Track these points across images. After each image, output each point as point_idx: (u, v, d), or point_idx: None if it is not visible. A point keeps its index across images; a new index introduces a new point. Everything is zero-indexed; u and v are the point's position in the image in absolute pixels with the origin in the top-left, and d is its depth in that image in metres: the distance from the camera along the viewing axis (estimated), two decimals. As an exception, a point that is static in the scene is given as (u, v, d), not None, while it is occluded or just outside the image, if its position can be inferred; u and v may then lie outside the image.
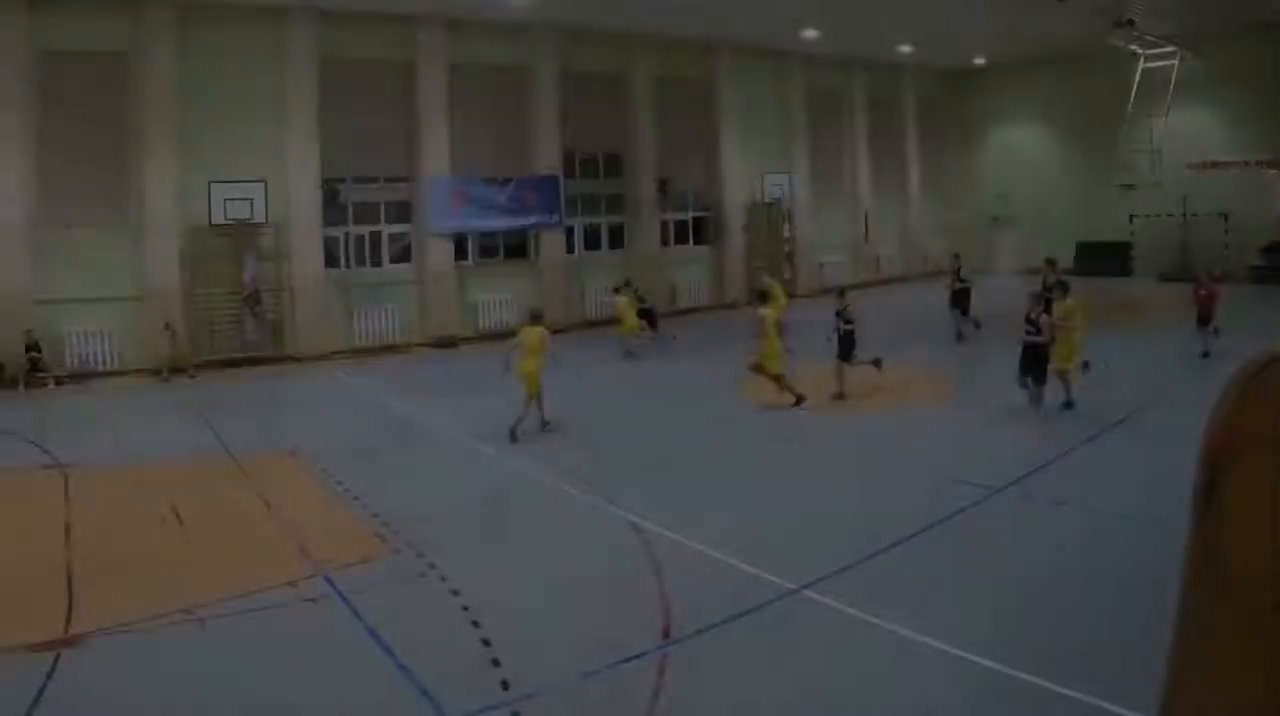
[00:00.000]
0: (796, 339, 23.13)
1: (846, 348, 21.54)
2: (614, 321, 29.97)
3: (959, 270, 30.30)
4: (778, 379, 20.95)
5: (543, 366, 18.57)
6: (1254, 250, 40.89)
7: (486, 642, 9.77)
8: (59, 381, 27.04)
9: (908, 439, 18.20)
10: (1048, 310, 19.76)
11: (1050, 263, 25.20)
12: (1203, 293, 24.25)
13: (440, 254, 33.76)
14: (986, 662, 8.82)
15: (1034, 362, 18.76)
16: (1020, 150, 50.26)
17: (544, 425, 19.00)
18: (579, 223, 38.14)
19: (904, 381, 22.76)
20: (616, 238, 39.37)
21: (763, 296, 23.07)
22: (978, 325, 29.17)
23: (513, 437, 18.28)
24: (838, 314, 21.59)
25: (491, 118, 35.64)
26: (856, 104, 47.59)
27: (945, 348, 28.54)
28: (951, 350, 28.30)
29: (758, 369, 21.22)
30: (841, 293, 22.46)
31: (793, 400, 20.75)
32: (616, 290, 30.53)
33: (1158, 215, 43.60)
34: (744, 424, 19.92)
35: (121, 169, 28.88)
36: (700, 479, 15.75)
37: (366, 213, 33.34)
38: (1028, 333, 18.74)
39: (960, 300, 29.80)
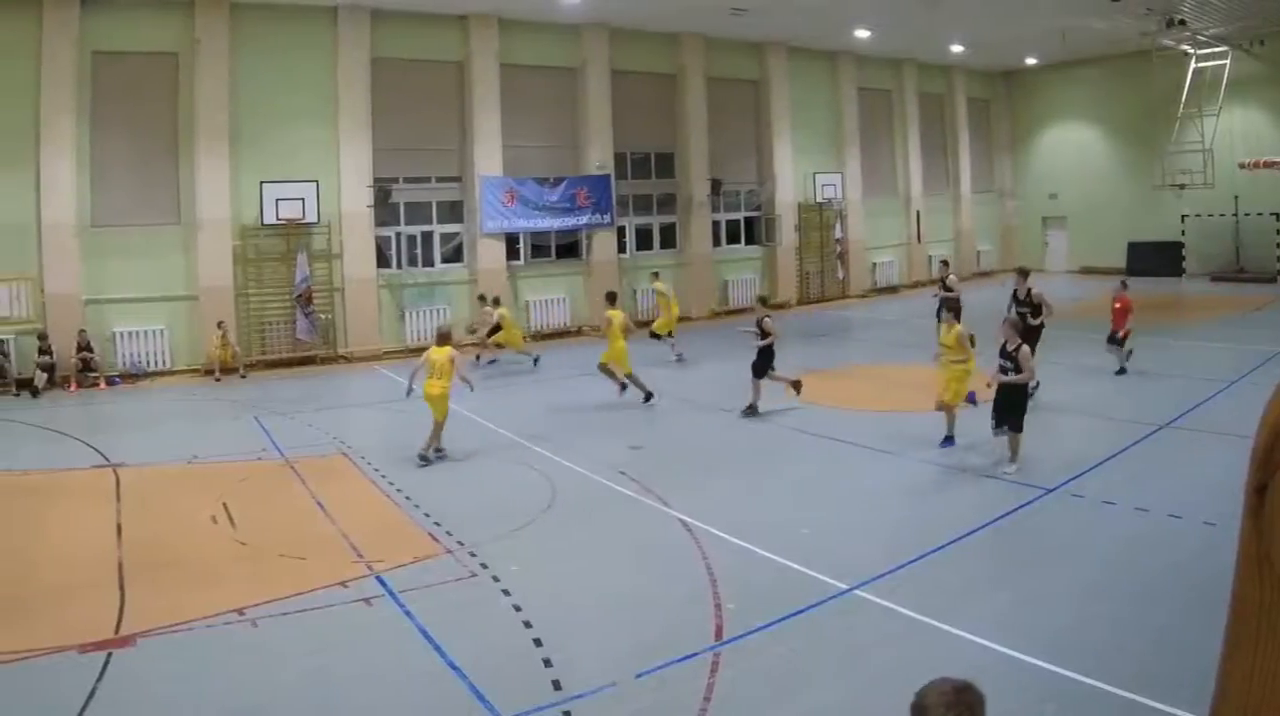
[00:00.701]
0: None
1: (762, 362, 19.84)
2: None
3: (945, 279, 27.43)
4: (628, 376, 21.33)
5: (448, 390, 17.07)
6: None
7: (538, 642, 9.58)
8: (110, 381, 26.38)
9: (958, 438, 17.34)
10: (1029, 335, 18.14)
11: (1023, 272, 21.99)
12: (1116, 305, 22.00)
13: (492, 254, 32.81)
14: (1040, 663, 8.64)
15: (1012, 407, 15.04)
16: (1071, 150, 48.68)
17: (437, 453, 17.12)
18: (630, 222, 37.08)
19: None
20: (668, 237, 38.24)
21: (611, 297, 23.39)
22: (973, 342, 25.55)
23: (423, 461, 16.84)
24: (757, 323, 19.87)
25: (543, 117, 34.68)
26: (908, 104, 46.14)
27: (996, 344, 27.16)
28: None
29: (604, 368, 21.70)
30: (763, 300, 21.65)
31: (644, 396, 21.20)
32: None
33: (1209, 215, 42.47)
34: (794, 424, 19.25)
35: (173, 169, 28.10)
36: (752, 478, 15.27)
37: (418, 212, 32.45)
38: (1002, 368, 15.05)
39: (947, 312, 25.87)
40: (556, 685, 8.70)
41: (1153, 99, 42.04)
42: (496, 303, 28.26)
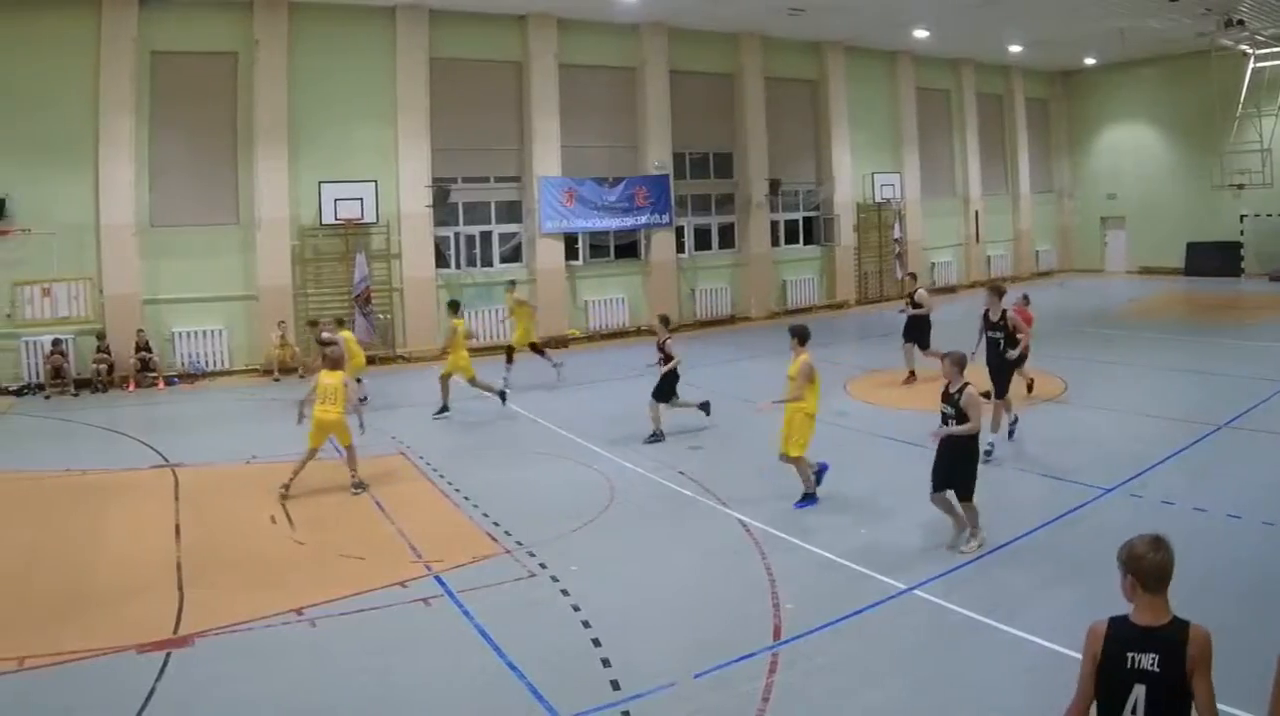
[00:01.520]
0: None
1: (665, 386, 18.21)
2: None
3: (914, 294, 23.44)
4: (471, 382, 20.79)
5: (343, 416, 15.25)
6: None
7: (597, 642, 9.38)
8: (169, 381, 25.51)
9: (1014, 438, 16.64)
10: (1003, 369, 16.43)
11: (996, 290, 18.65)
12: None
13: (551, 254, 31.68)
14: None
15: (955, 467, 11.58)
16: (1130, 150, 46.81)
17: (355, 487, 15.10)
18: (689, 222, 35.64)
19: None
20: (726, 237, 36.83)
21: (453, 305, 22.42)
22: (911, 375, 22.40)
23: (282, 494, 14.75)
24: (659, 347, 18.43)
25: (601, 117, 33.56)
26: (966, 104, 44.46)
27: (1057, 344, 26.04)
28: (1072, 348, 25.87)
29: (444, 378, 20.84)
30: (665, 321, 19.25)
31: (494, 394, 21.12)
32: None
33: (1268, 214, 41.10)
34: (853, 423, 18.56)
35: (231, 169, 27.31)
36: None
37: (476, 212, 31.39)
38: (945, 416, 11.72)
39: (914, 331, 22.91)
40: (615, 685, 8.51)
41: (1211, 99, 40.56)
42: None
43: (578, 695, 8.32)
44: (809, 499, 13.48)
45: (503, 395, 21.29)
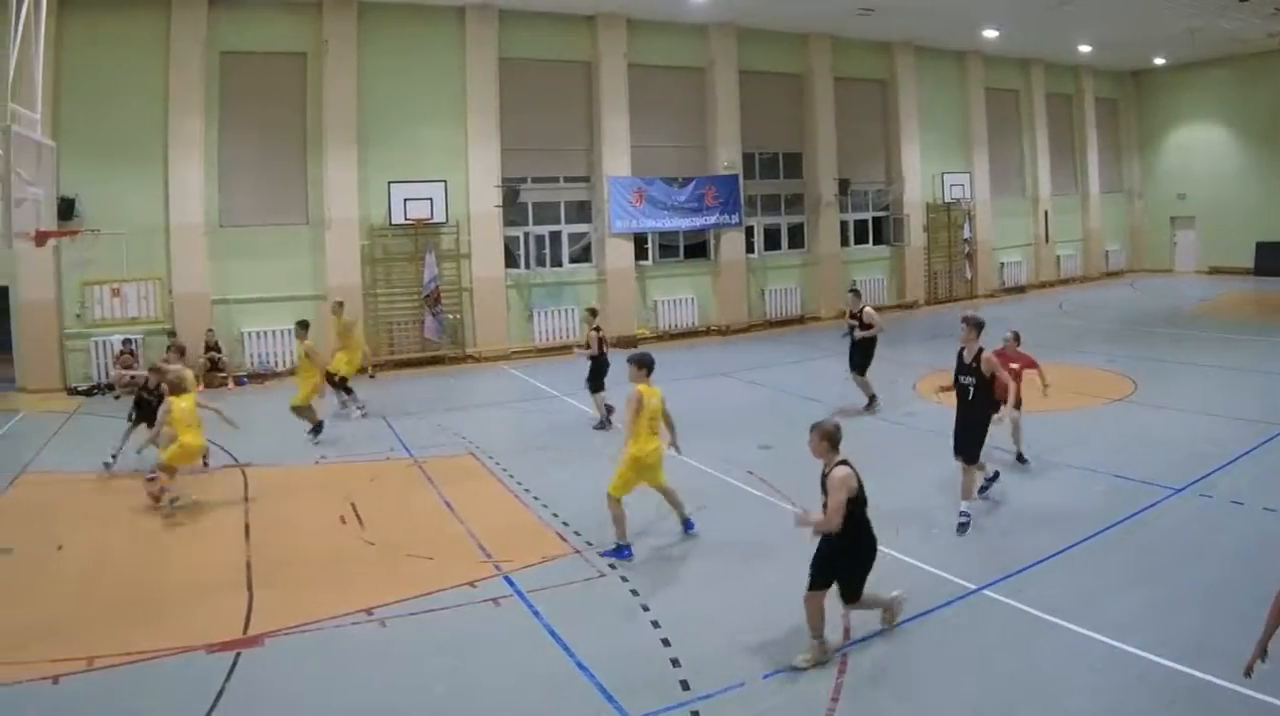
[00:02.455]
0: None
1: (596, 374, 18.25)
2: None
3: (860, 313, 18.93)
4: (295, 408, 18.18)
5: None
6: None
7: (666, 642, 9.10)
8: (238, 381, 24.39)
9: (1083, 438, 16.09)
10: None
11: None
12: (1013, 366, 13.81)
13: (620, 254, 30.14)
14: (1169, 663, 8.17)
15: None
16: (1200, 150, 44.24)
17: (172, 503, 13.75)
18: (759, 222, 33.88)
19: (1077, 379, 20.17)
20: (796, 237, 35.01)
21: (302, 326, 19.13)
22: (871, 400, 18.89)
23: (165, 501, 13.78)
24: (598, 331, 18.21)
25: (671, 117, 31.90)
26: (1035, 104, 42.12)
27: (1126, 344, 25.53)
28: (1142, 348, 24.92)
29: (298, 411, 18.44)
30: (593, 311, 18.77)
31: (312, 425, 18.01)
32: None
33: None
34: (921, 423, 17.58)
35: (301, 169, 26.10)
36: (879, 478, 12.53)
37: (546, 212, 29.91)
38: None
39: (861, 356, 19.03)
40: (684, 685, 8.24)
41: (1282, 98, 38.47)
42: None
43: (647, 695, 8.06)
44: (620, 550, 11.33)
45: (318, 427, 18.10)
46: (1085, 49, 39.74)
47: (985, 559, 10.92)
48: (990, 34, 35.66)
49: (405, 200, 26.43)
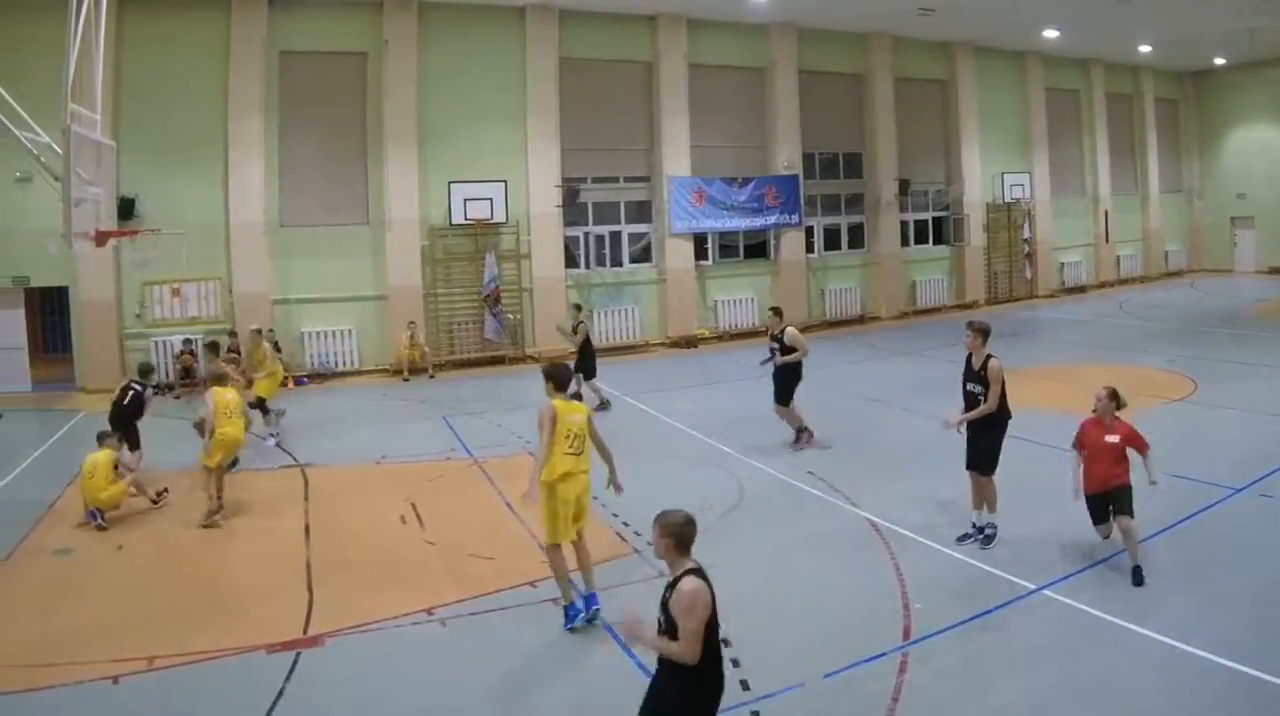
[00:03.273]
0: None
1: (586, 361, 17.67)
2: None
3: (781, 333, 15.85)
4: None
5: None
6: None
7: (726, 642, 7.38)
8: (298, 381, 23.13)
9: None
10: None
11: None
12: (1110, 439, 10.11)
13: (680, 254, 28.52)
14: (1227, 662, 7.77)
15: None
16: (1260, 150, 41.51)
17: (97, 518, 12.69)
18: (818, 222, 32.06)
19: (1137, 379, 18.71)
20: (856, 237, 33.13)
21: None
22: (799, 435, 15.80)
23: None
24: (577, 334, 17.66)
25: (731, 117, 30.20)
26: (1095, 104, 39.83)
27: (1187, 345, 24.21)
28: (1202, 348, 23.61)
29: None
30: (578, 307, 18.11)
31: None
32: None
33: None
34: None
35: (361, 169, 24.86)
36: (940, 479, 12.90)
37: (606, 212, 28.39)
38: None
39: (784, 383, 15.83)
40: (744, 685, 7.82)
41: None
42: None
43: None
44: (568, 612, 9.20)
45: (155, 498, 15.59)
46: (1145, 49, 37.37)
47: (1043, 559, 10.33)
48: (1050, 34, 33.59)
49: (465, 200, 24.99)
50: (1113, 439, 10.07)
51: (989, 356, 10.99)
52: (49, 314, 26.18)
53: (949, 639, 8.60)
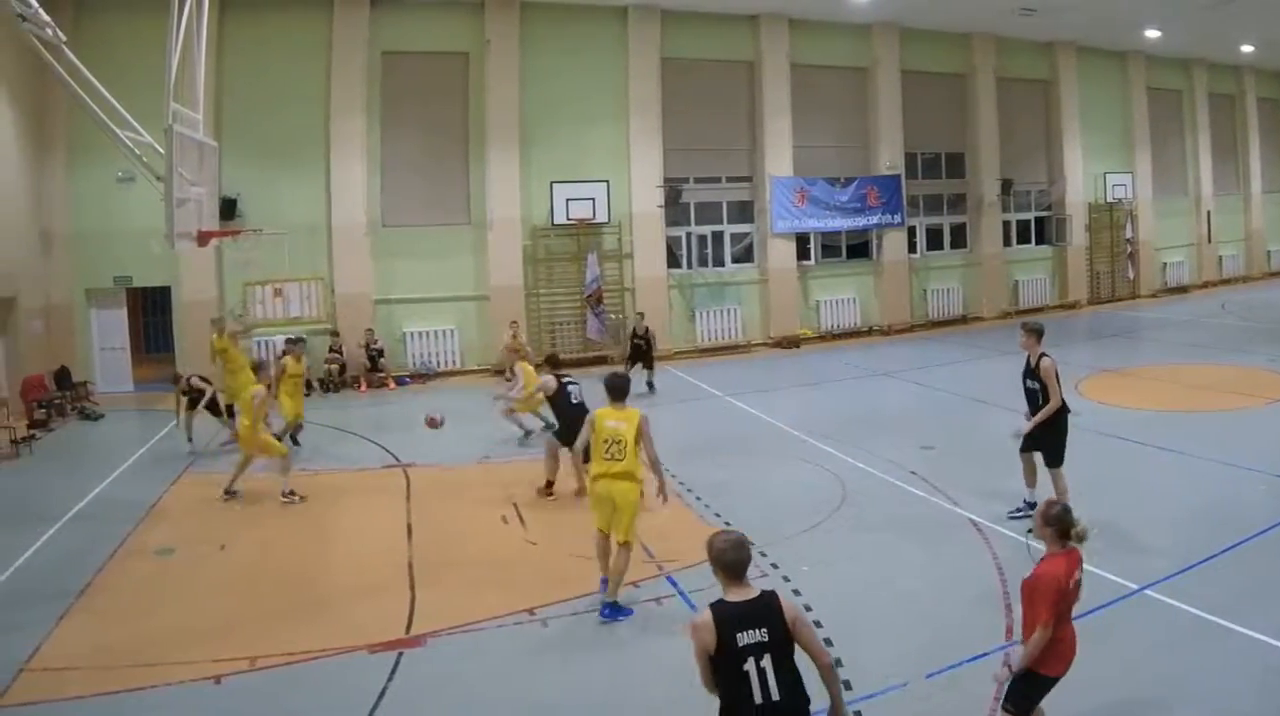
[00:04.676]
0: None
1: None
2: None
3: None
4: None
5: None
6: None
7: (829, 642, 7.54)
8: (399, 381, 21.03)
9: (1245, 437, 13.91)
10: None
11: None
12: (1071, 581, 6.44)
13: (782, 254, 25.72)
14: None
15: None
16: None
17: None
18: (920, 222, 29.05)
19: (1239, 379, 18.10)
20: (958, 237, 30.02)
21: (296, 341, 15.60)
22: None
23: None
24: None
25: (833, 117, 27.29)
26: (1198, 104, 35.86)
27: None
28: None
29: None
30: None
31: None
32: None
33: None
34: (1084, 423, 14.76)
35: (462, 169, 22.68)
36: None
37: (708, 212, 25.67)
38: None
39: (565, 422, 12.54)
40: (847, 685, 6.80)
41: None
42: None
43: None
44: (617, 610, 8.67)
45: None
46: (1247, 49, 33.37)
47: (1146, 558, 9.33)
48: (1152, 34, 29.95)
49: (567, 200, 22.63)
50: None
51: (1042, 354, 10.59)
52: (151, 314, 24.29)
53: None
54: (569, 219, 22.94)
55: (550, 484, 12.37)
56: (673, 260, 25.18)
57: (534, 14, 22.90)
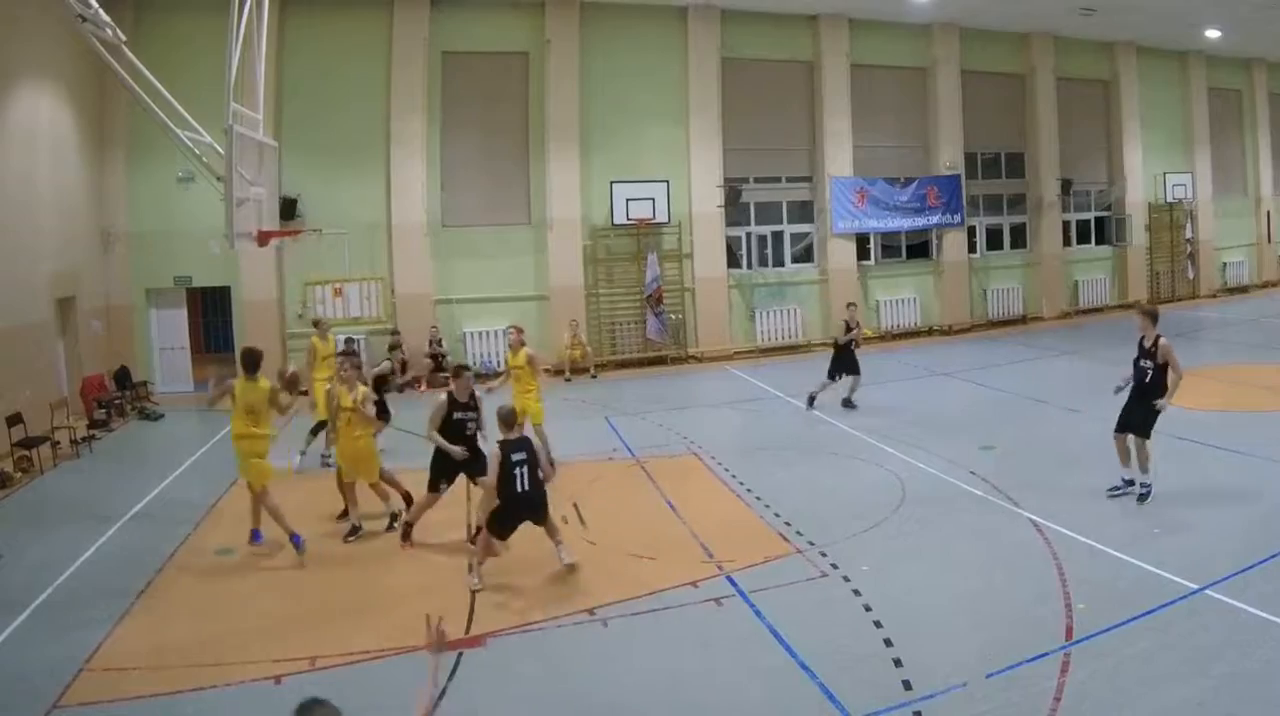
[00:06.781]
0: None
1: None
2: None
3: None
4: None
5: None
6: None
7: (888, 643, 7.12)
8: (460, 381, 20.52)
9: None
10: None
11: (1146, 312, 12.86)
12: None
13: (842, 254, 23.65)
14: None
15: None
16: None
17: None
18: (980, 222, 26.73)
19: None
20: (1018, 237, 27.68)
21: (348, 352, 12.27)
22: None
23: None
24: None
25: (892, 117, 25.16)
26: (1258, 104, 32.92)
27: None
28: None
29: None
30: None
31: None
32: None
33: None
34: None
35: (522, 169, 20.96)
36: (1102, 478, 10.92)
37: (768, 212, 23.66)
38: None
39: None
40: (907, 685, 6.45)
41: None
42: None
43: (869, 695, 6.39)
44: None
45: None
46: None
47: (1206, 558, 8.49)
48: (1212, 34, 27.13)
49: (627, 200, 20.75)
50: None
51: (1159, 336, 10.32)
52: (211, 314, 22.73)
53: (1111, 639, 7.09)
54: (629, 219, 21.12)
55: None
56: (732, 260, 23.18)
57: (594, 14, 21.05)
